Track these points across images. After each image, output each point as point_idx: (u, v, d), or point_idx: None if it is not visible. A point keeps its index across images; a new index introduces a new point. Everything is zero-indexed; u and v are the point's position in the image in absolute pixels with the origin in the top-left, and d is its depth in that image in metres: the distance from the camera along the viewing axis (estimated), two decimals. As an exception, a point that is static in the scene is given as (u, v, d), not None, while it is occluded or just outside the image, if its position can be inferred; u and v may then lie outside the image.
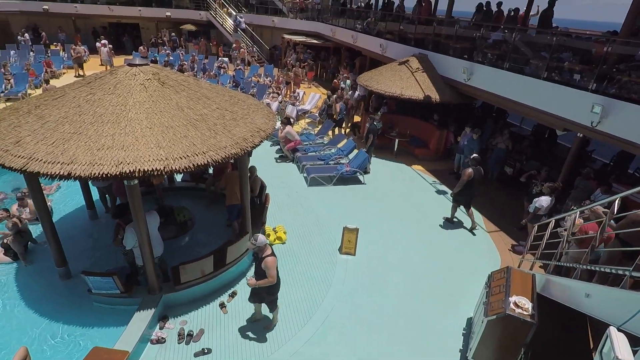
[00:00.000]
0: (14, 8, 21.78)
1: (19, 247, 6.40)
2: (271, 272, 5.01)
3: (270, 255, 5.04)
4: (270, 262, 4.99)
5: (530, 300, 4.85)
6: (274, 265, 5.02)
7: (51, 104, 5.09)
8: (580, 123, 7.49)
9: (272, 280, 5.04)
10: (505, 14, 12.50)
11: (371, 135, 10.95)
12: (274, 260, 5.03)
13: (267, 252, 5.07)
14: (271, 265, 4.99)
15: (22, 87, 15.42)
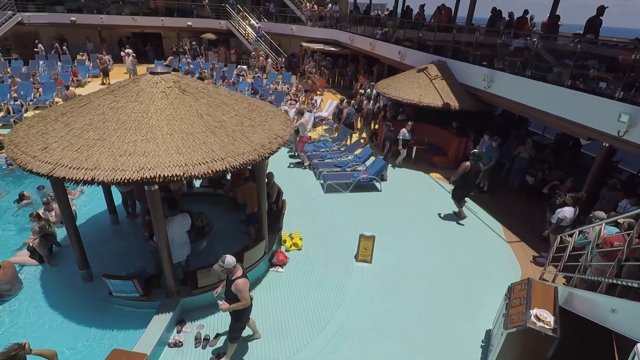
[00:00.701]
0: (43, 20, 22.70)
1: (44, 250, 6.61)
2: (244, 295, 4.67)
3: (241, 277, 4.69)
4: (242, 285, 4.65)
5: (552, 314, 4.70)
6: (246, 288, 4.69)
7: (77, 111, 5.27)
8: (606, 132, 7.26)
9: (245, 304, 4.73)
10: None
11: (388, 142, 10.90)
12: (245, 283, 4.69)
13: (238, 274, 4.73)
14: (243, 288, 4.65)
15: (50, 96, 16.01)
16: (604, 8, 8.82)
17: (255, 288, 6.53)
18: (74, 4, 24.17)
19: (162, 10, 25.56)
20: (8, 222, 8.08)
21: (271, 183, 7.68)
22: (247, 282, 4.75)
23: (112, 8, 24.61)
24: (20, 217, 8.18)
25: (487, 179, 10.45)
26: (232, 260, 4.69)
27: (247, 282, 4.75)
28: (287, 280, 6.80)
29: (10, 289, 5.97)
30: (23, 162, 4.62)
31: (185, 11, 26.17)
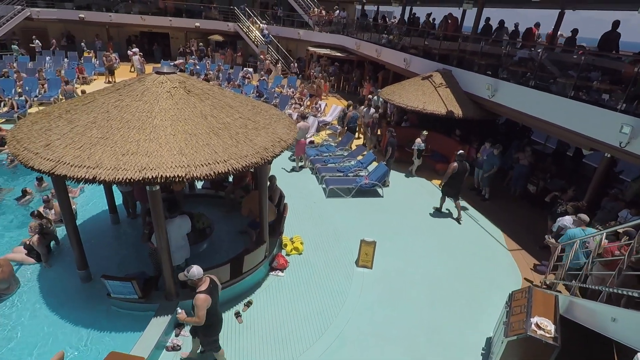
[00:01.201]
0: (52, 16, 22.85)
1: (42, 248, 6.58)
2: (199, 312, 4.34)
3: (202, 292, 4.41)
4: (200, 301, 4.36)
5: (552, 322, 4.68)
6: (204, 305, 4.37)
7: (81, 109, 5.27)
8: (608, 143, 7.26)
9: (198, 322, 4.40)
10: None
11: (390, 148, 10.88)
12: (204, 299, 4.37)
13: (201, 288, 4.47)
14: (200, 304, 4.35)
15: (55, 92, 16.05)
16: (618, 22, 8.67)
17: (255, 292, 6.49)
18: (83, 1, 24.31)
19: (170, 11, 25.71)
20: (9, 219, 8.06)
21: (273, 186, 7.67)
22: (207, 299, 4.40)
23: (121, 6, 24.76)
24: (21, 214, 8.17)
25: (489, 186, 10.42)
26: (197, 272, 4.48)
27: (207, 299, 4.39)
28: (287, 284, 6.77)
29: (7, 287, 5.93)
30: (25, 159, 4.61)
31: (194, 12, 26.32)
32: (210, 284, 4.58)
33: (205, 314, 4.40)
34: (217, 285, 4.76)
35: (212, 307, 4.51)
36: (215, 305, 4.63)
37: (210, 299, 4.43)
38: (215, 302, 4.58)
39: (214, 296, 4.57)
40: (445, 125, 12.67)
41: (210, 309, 4.46)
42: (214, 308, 4.56)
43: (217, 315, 4.73)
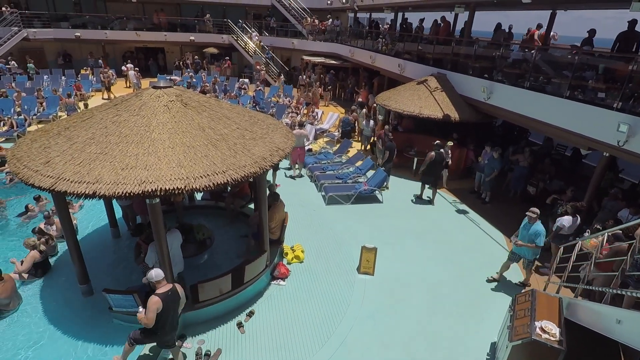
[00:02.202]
0: (49, 36, 23.05)
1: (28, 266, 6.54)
2: (148, 314, 4.34)
3: (157, 295, 4.42)
4: (151, 302, 4.35)
5: (557, 325, 4.66)
6: (154, 307, 4.36)
7: (80, 125, 5.31)
8: (606, 142, 7.29)
9: (146, 322, 4.40)
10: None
11: (388, 152, 10.93)
12: (154, 302, 4.36)
13: (158, 290, 4.48)
14: (150, 306, 4.36)
15: (54, 110, 16.15)
16: (636, 21, 8.46)
17: (257, 302, 6.48)
18: (78, 19, 24.53)
19: (165, 26, 25.94)
20: (11, 235, 8.06)
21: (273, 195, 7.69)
22: (159, 302, 4.38)
23: (116, 24, 24.97)
24: (24, 230, 8.16)
25: (490, 190, 10.44)
26: (154, 274, 4.53)
27: (158, 303, 4.38)
28: (289, 293, 6.75)
29: (9, 303, 5.92)
30: (25, 176, 4.64)
31: (188, 26, 26.57)
32: (169, 291, 4.57)
33: (154, 317, 4.39)
34: (177, 295, 4.72)
35: (163, 315, 4.50)
36: (167, 314, 4.57)
37: (161, 304, 4.41)
38: (168, 311, 4.54)
39: (169, 305, 4.54)
40: (442, 129, 12.73)
41: (161, 316, 4.47)
42: (165, 316, 4.53)
43: (165, 324, 4.62)
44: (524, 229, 6.74)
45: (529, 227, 6.62)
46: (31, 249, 6.60)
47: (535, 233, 6.52)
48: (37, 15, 22.93)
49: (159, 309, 4.42)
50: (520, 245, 6.69)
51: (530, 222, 6.64)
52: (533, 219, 6.57)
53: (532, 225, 6.57)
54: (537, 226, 6.55)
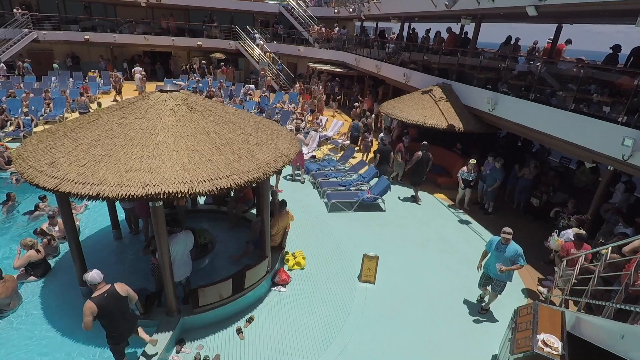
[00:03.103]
0: (58, 38, 23.35)
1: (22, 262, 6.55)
2: (84, 319, 4.30)
3: (91, 299, 4.39)
4: (85, 308, 4.32)
5: (559, 339, 4.60)
6: (87, 312, 4.31)
7: (86, 127, 5.35)
8: (610, 156, 7.26)
9: (85, 328, 4.32)
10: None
11: (379, 154, 11.23)
12: (88, 307, 4.32)
13: (94, 294, 4.44)
14: (84, 311, 4.32)
15: (60, 111, 16.31)
16: None
17: (257, 307, 6.45)
18: (88, 22, 24.87)
19: (173, 30, 26.22)
20: (17, 235, 8.06)
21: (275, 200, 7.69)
22: (92, 307, 4.33)
23: (125, 27, 25.27)
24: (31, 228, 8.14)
25: (493, 200, 10.40)
26: (90, 277, 4.45)
27: (92, 308, 4.33)
28: (290, 300, 6.72)
29: (9, 303, 5.92)
30: (30, 176, 4.67)
31: (196, 31, 26.83)
32: (106, 293, 4.49)
33: (90, 321, 4.34)
34: (116, 295, 4.59)
35: (105, 317, 4.47)
36: (110, 316, 4.52)
37: (95, 308, 4.34)
38: (108, 313, 4.49)
39: (109, 306, 4.47)
40: (446, 138, 12.75)
41: (103, 319, 4.47)
42: (107, 318, 4.51)
43: (111, 326, 4.61)
44: (498, 251, 6.08)
45: (504, 248, 6.00)
46: (28, 249, 6.59)
47: (516, 253, 5.95)
48: (47, 17, 23.26)
49: (93, 313, 4.36)
50: (505, 271, 5.97)
51: (504, 244, 6.03)
52: (508, 240, 6.00)
53: (508, 246, 5.99)
54: (514, 246, 6.01)
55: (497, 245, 6.11)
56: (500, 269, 5.94)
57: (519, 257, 5.92)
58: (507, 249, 5.97)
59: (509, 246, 5.97)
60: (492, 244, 6.21)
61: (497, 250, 6.10)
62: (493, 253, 6.18)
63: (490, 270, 6.27)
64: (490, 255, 6.27)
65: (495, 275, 6.17)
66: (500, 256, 6.05)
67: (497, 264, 5.98)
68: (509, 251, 5.95)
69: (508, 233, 5.95)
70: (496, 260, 6.10)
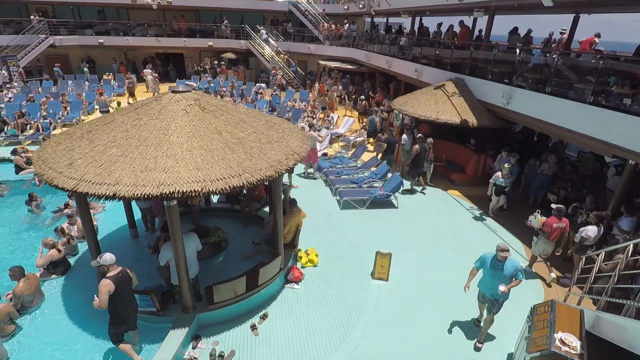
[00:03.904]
0: (74, 42, 23.86)
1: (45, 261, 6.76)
2: (100, 296, 4.62)
3: (108, 278, 4.71)
4: (102, 286, 4.65)
5: (578, 338, 4.51)
6: (105, 290, 4.63)
7: (102, 128, 5.46)
8: (632, 150, 7.04)
9: (97, 305, 4.64)
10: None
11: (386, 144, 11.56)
12: (106, 284, 4.65)
13: (109, 274, 4.78)
14: (101, 289, 4.63)
15: (77, 114, 16.68)
16: None
17: (271, 304, 6.50)
18: (102, 27, 25.33)
19: (184, 32, 26.50)
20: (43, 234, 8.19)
21: (287, 198, 7.72)
22: (110, 284, 4.65)
23: (138, 30, 25.66)
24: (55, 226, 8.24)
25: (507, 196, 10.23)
26: (109, 258, 4.82)
27: (110, 285, 4.65)
28: (303, 297, 6.75)
29: (33, 300, 6.11)
30: (50, 178, 4.80)
31: (207, 32, 27.06)
32: (120, 273, 4.84)
33: (106, 300, 4.65)
34: (128, 277, 4.96)
35: (117, 297, 4.77)
36: (121, 296, 4.84)
37: (113, 286, 4.68)
38: (121, 293, 4.81)
39: (122, 287, 4.81)
40: (460, 134, 12.59)
41: (114, 298, 4.74)
42: (118, 298, 4.81)
43: (120, 306, 4.89)
44: (495, 269, 5.46)
45: (502, 266, 5.39)
46: (50, 248, 6.78)
47: (515, 269, 5.39)
48: (63, 23, 23.79)
49: (110, 291, 4.68)
50: (507, 290, 5.36)
51: (501, 261, 5.41)
52: (505, 258, 5.37)
53: (506, 263, 5.38)
54: (512, 262, 5.43)
55: (493, 264, 5.48)
56: (504, 291, 5.33)
57: (518, 273, 5.40)
58: (506, 266, 5.38)
59: (506, 263, 5.38)
60: (485, 262, 5.60)
61: (494, 268, 5.47)
62: (489, 272, 5.56)
63: (486, 290, 5.70)
64: (485, 275, 5.69)
65: (493, 295, 5.57)
66: (498, 275, 5.44)
67: (500, 285, 5.33)
68: (508, 268, 5.37)
69: (505, 251, 5.34)
70: (493, 279, 5.49)
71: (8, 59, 20.50)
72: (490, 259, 5.54)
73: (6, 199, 9.96)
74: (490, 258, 5.54)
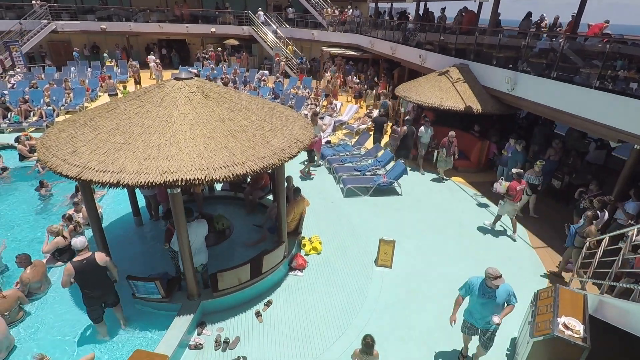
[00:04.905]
0: (76, 28, 23.70)
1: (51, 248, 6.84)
2: (62, 278, 4.92)
3: (70, 263, 4.93)
4: (65, 268, 4.94)
5: (581, 322, 4.53)
6: (66, 274, 4.91)
7: (105, 115, 5.44)
8: (638, 134, 6.98)
9: (63, 285, 4.99)
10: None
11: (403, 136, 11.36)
12: (67, 269, 4.92)
13: (76, 258, 4.98)
14: (64, 270, 4.93)
15: (80, 101, 16.65)
16: None
17: (275, 292, 6.56)
18: (104, 12, 25.11)
19: (187, 18, 26.23)
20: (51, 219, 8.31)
21: (290, 186, 7.73)
22: (70, 269, 4.89)
23: (140, 16, 25.42)
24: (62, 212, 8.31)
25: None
26: (78, 244, 4.99)
27: (69, 270, 4.89)
28: (307, 284, 6.81)
29: (40, 287, 6.20)
30: (53, 165, 4.81)
31: (209, 18, 26.76)
32: (85, 260, 4.97)
33: (67, 282, 4.95)
34: (95, 265, 5.03)
35: (81, 281, 5.02)
36: (85, 281, 5.05)
37: (73, 270, 4.90)
38: (84, 277, 5.01)
39: (86, 272, 4.98)
40: (464, 121, 12.47)
41: (78, 282, 5.01)
42: (83, 283, 5.04)
43: (85, 290, 5.10)
44: (486, 297, 4.72)
45: (494, 293, 4.65)
46: (55, 236, 6.84)
47: (508, 294, 4.72)
48: (65, 8, 23.59)
49: (70, 275, 4.92)
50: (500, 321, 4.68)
51: (491, 288, 4.63)
52: (497, 286, 4.59)
53: (497, 290, 4.64)
54: (505, 286, 4.69)
55: (483, 291, 4.73)
56: (499, 322, 4.66)
57: (511, 297, 4.73)
58: (498, 293, 4.65)
59: (498, 290, 4.63)
60: (472, 289, 4.87)
61: (483, 296, 4.73)
62: (477, 300, 4.80)
63: (476, 321, 4.96)
64: (473, 303, 4.94)
65: (484, 326, 4.89)
66: (490, 304, 4.71)
67: (494, 315, 4.68)
68: (501, 295, 4.67)
69: (498, 277, 4.56)
70: (484, 309, 4.78)
71: (10, 45, 20.42)
72: (478, 285, 4.79)
73: (11, 185, 10.04)
74: (478, 284, 4.79)
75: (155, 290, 5.60)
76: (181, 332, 5.26)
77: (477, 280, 4.83)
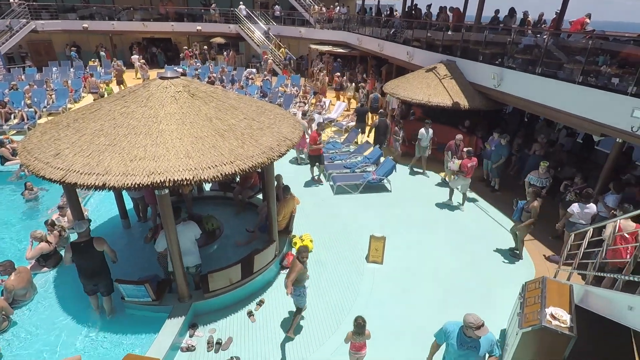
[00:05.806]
0: (57, 27, 23.14)
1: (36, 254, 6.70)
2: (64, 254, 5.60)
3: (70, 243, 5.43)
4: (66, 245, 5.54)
5: (568, 312, 4.63)
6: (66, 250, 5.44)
7: (88, 117, 5.34)
8: (619, 128, 7.13)
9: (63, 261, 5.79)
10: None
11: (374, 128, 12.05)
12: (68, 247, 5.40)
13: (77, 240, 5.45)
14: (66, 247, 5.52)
15: (63, 102, 16.30)
16: None
17: (267, 291, 6.54)
18: (86, 11, 24.56)
19: (172, 16, 25.85)
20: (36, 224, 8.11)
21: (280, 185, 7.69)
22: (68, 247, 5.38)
23: (124, 14, 24.96)
24: None
25: (499, 177, 10.31)
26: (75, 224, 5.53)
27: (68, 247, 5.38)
28: (298, 282, 6.79)
29: (25, 294, 6.05)
30: (36, 169, 4.70)
31: (195, 16, 26.43)
32: (83, 243, 5.36)
33: (68, 259, 5.43)
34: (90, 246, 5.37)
35: (78, 260, 5.43)
36: (80, 259, 5.43)
37: (71, 250, 5.34)
38: (80, 257, 5.41)
39: (80, 252, 5.37)
40: (451, 116, 12.55)
41: (77, 261, 5.43)
42: (78, 261, 5.43)
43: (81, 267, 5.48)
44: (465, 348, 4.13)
45: (474, 343, 4.09)
46: (39, 241, 6.69)
47: (491, 344, 4.15)
48: (44, 6, 23.00)
49: (69, 252, 5.36)
50: None
51: (471, 337, 4.05)
52: (477, 336, 3.99)
53: (480, 340, 4.07)
54: (488, 336, 4.09)
55: (461, 341, 4.14)
56: None
57: (494, 348, 4.20)
58: (481, 343, 4.09)
59: (481, 339, 4.06)
60: (448, 337, 4.29)
61: (463, 347, 4.14)
62: (457, 352, 4.18)
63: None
64: (450, 352, 4.32)
65: None
66: (470, 355, 4.13)
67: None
68: (484, 346, 4.11)
69: (479, 327, 3.93)
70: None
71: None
72: (456, 334, 4.19)
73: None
74: (456, 332, 4.20)
75: (145, 293, 5.53)
76: (173, 335, 5.21)
77: (454, 328, 4.25)
